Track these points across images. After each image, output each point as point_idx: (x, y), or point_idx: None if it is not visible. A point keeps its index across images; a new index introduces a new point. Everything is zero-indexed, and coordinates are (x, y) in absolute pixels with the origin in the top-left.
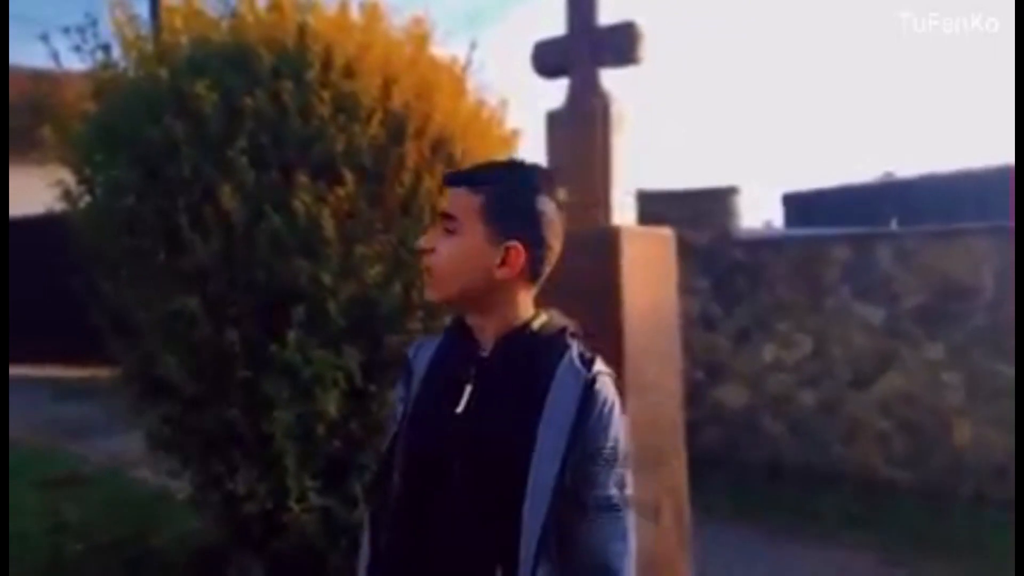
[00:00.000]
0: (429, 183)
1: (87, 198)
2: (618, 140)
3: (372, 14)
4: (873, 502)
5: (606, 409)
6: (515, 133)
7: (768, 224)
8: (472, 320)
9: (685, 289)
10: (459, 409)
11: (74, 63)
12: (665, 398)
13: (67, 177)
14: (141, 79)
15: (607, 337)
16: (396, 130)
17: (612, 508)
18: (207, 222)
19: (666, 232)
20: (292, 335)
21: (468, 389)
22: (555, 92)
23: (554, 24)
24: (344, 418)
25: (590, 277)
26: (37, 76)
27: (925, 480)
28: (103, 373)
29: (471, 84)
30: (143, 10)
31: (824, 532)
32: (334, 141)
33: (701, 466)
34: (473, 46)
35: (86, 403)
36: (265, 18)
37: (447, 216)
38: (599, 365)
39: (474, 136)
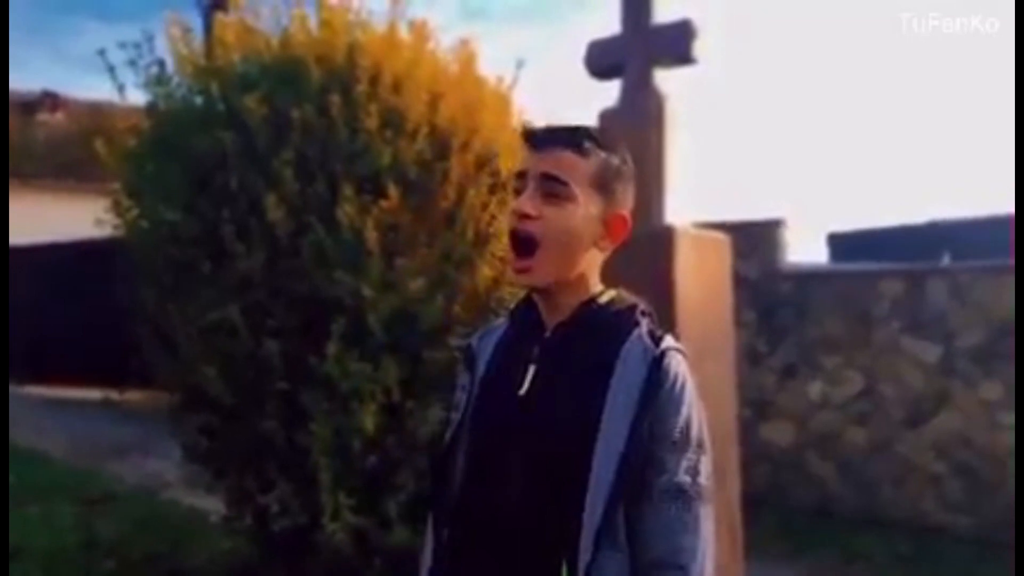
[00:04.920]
0: (473, 198)
1: (135, 210)
2: (672, 140)
3: (420, 33)
4: (925, 547)
5: (676, 388)
6: None
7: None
8: (547, 297)
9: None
10: (522, 391)
11: (130, 93)
12: (719, 405)
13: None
14: (193, 93)
15: None
16: (441, 145)
17: (681, 496)
18: (252, 233)
19: (720, 235)
20: (331, 348)
21: (531, 370)
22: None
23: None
24: (381, 434)
25: (643, 278)
26: (94, 108)
27: (980, 526)
28: (141, 396)
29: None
30: (197, 27)
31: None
32: (380, 155)
33: (746, 505)
34: (519, 64)
35: (124, 424)
36: (316, 35)
37: (555, 179)
38: (669, 341)
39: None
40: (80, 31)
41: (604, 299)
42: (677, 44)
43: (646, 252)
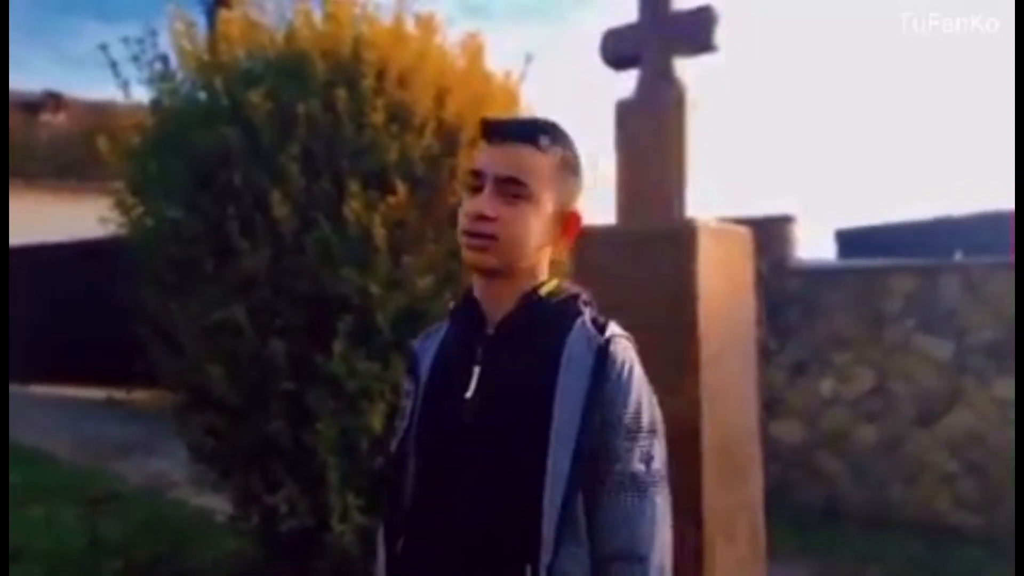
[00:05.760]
0: None
1: (139, 208)
2: (692, 132)
3: (427, 27)
4: (938, 547)
5: (624, 374)
6: None
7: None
8: (491, 290)
9: None
10: (468, 394)
11: (133, 91)
12: (741, 404)
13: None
14: (197, 88)
15: (681, 339)
16: (449, 140)
17: (636, 485)
18: (257, 230)
19: (743, 230)
20: (338, 346)
21: (476, 371)
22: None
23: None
24: (389, 434)
25: (664, 274)
26: (96, 108)
27: (993, 527)
28: (146, 395)
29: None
30: (200, 23)
31: None
32: (387, 150)
33: None
34: (528, 59)
35: (129, 423)
36: (321, 29)
37: (512, 181)
38: (613, 328)
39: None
40: (80, 31)
41: (545, 290)
42: (697, 31)
43: (668, 247)
